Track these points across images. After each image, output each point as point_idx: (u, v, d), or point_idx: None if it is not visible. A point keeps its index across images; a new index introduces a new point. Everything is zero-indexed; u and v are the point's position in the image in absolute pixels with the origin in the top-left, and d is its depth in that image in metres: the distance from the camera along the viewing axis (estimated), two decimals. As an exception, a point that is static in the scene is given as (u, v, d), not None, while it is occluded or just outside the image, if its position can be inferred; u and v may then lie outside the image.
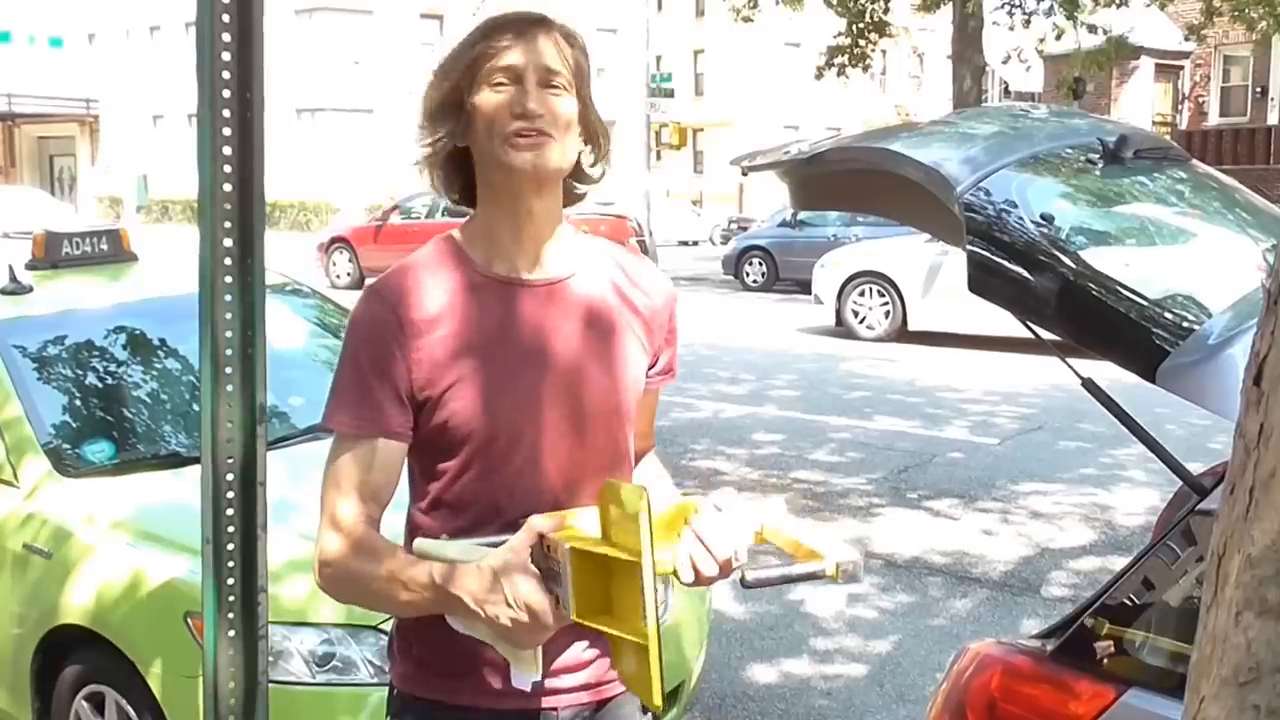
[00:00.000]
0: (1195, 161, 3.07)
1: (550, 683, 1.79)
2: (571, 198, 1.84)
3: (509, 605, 1.54)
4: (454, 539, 1.72)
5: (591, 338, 1.81)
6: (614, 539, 1.52)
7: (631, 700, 1.88)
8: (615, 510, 1.52)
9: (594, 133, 1.81)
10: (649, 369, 1.91)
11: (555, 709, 1.81)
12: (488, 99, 1.71)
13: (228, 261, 1.98)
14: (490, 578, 1.56)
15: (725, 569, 1.64)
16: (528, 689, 1.69)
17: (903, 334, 14.02)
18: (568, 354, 1.78)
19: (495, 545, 1.63)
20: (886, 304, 14.26)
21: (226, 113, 1.95)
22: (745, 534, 1.68)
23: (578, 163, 1.80)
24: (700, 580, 1.64)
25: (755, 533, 1.72)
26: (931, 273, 13.66)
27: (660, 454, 2.08)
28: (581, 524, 1.62)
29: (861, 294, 14.47)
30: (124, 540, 3.41)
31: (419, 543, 1.71)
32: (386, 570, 1.67)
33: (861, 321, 14.45)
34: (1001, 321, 11.08)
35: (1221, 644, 1.13)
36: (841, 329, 14.53)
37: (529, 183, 1.73)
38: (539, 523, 1.60)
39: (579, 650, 1.82)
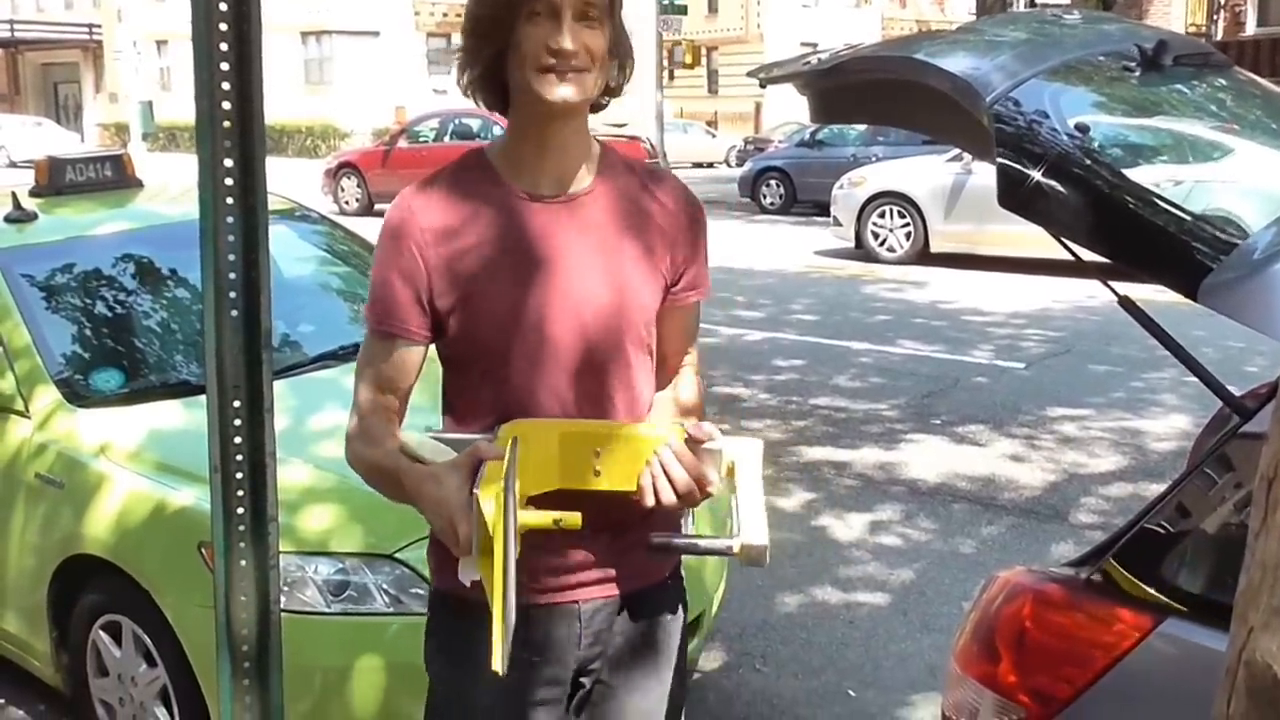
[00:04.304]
0: (1237, 68, 2.95)
1: (571, 578, 1.90)
2: (596, 107, 1.89)
3: (439, 518, 1.69)
4: (431, 434, 1.82)
5: (605, 253, 1.87)
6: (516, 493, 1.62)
7: (658, 597, 2.01)
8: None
9: (623, 54, 1.87)
10: (673, 285, 1.94)
11: (576, 602, 1.91)
12: (525, 33, 1.76)
13: (228, 182, 1.94)
14: (431, 485, 1.70)
15: (688, 498, 1.76)
16: (467, 584, 1.74)
17: (924, 256, 13.83)
18: (580, 270, 1.85)
19: (469, 443, 1.73)
20: (907, 225, 14.05)
21: (224, 26, 1.89)
22: (714, 467, 1.78)
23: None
24: (661, 506, 1.75)
25: (728, 467, 1.79)
26: (954, 193, 13.46)
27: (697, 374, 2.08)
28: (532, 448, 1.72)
29: (881, 215, 14.26)
30: (136, 470, 3.38)
31: (403, 435, 1.84)
32: (378, 460, 1.84)
33: (882, 244, 14.25)
34: (1026, 243, 10.94)
35: (1273, 571, 1.09)
36: (861, 251, 14.37)
37: (559, 113, 1.81)
38: (484, 450, 1.69)
39: (601, 545, 1.89)
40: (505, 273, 1.82)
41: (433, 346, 1.92)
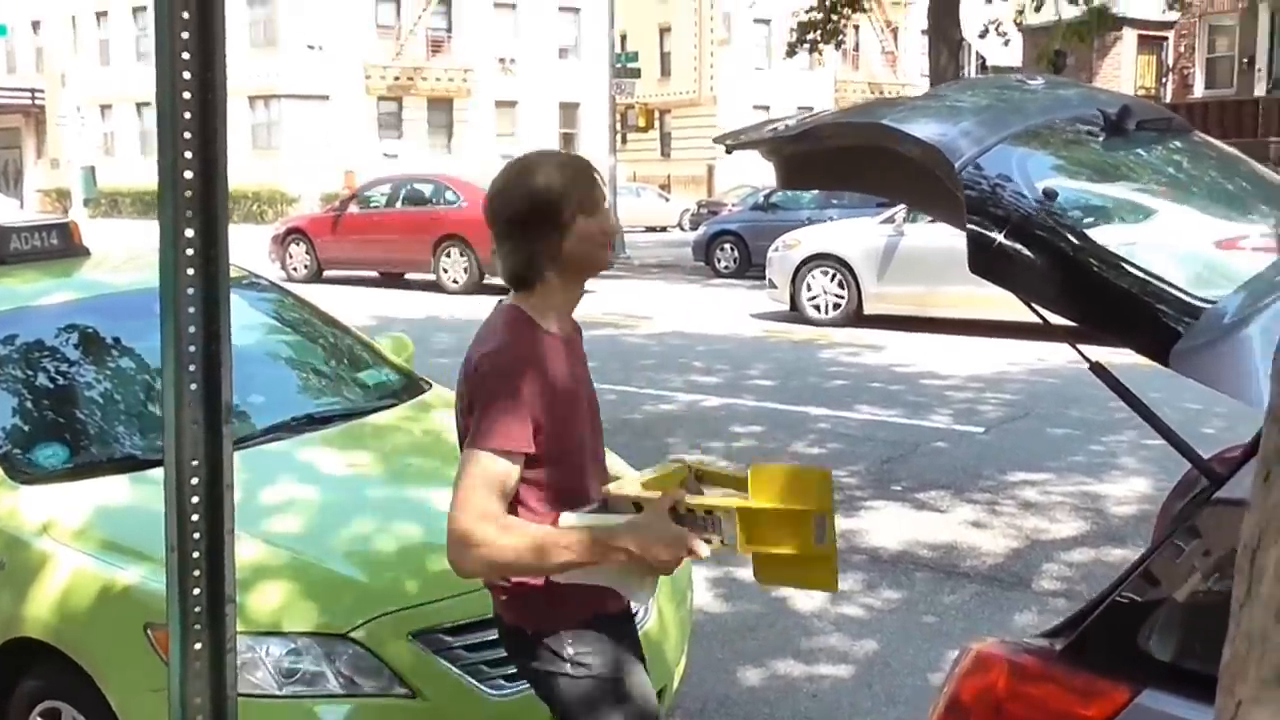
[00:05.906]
0: (1197, 132, 2.98)
1: None
2: None
3: (669, 548, 2.29)
4: (579, 513, 2.38)
5: (589, 371, 2.64)
6: (769, 497, 2.32)
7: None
8: (765, 481, 2.33)
9: None
10: None
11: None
12: (595, 223, 2.43)
13: (190, 252, 1.90)
14: (652, 533, 2.30)
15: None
16: (645, 603, 2.68)
17: (858, 318, 13.80)
18: (590, 386, 2.61)
19: (609, 510, 2.40)
20: (841, 288, 14.05)
21: (187, 95, 1.87)
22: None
23: None
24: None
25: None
26: (886, 254, 13.47)
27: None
28: (637, 486, 2.45)
29: (815, 277, 14.21)
30: (81, 548, 3.26)
31: (565, 517, 2.36)
32: (543, 542, 2.32)
33: (816, 306, 14.18)
34: (964, 303, 11.01)
35: (1260, 644, 1.08)
36: (795, 314, 14.31)
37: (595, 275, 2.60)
38: (682, 496, 2.37)
39: None
40: (573, 394, 2.51)
41: None
